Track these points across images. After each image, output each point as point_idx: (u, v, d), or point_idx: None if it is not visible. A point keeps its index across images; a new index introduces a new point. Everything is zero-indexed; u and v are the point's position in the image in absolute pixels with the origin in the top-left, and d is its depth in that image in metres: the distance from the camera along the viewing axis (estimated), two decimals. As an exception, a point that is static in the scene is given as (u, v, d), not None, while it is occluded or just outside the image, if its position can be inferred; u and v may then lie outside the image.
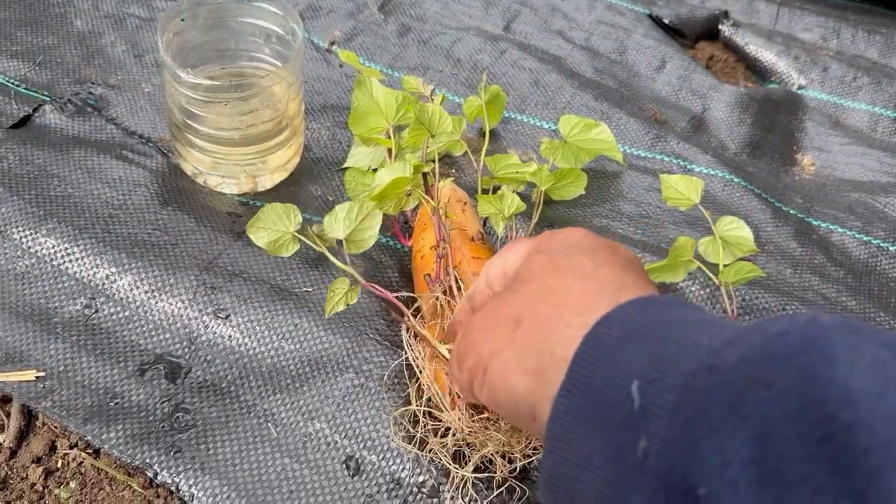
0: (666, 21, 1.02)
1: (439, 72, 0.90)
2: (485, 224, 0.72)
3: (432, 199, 0.67)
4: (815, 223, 0.79)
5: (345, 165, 0.76)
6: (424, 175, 0.70)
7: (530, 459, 0.56)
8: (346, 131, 0.82)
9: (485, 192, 0.72)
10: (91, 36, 0.85)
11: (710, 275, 0.66)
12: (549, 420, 0.35)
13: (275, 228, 0.64)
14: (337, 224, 0.64)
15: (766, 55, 1.00)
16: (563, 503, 0.34)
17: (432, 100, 0.77)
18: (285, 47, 0.73)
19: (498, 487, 0.55)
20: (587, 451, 0.33)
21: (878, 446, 0.24)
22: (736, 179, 0.81)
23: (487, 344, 0.41)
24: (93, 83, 0.80)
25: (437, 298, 0.60)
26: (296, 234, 0.64)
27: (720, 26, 1.03)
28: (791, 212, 0.80)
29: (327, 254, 0.62)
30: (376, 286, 0.62)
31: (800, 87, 0.97)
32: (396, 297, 0.61)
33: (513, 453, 0.55)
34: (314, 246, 0.63)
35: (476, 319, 0.43)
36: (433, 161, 0.70)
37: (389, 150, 0.73)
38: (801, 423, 0.26)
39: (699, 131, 0.88)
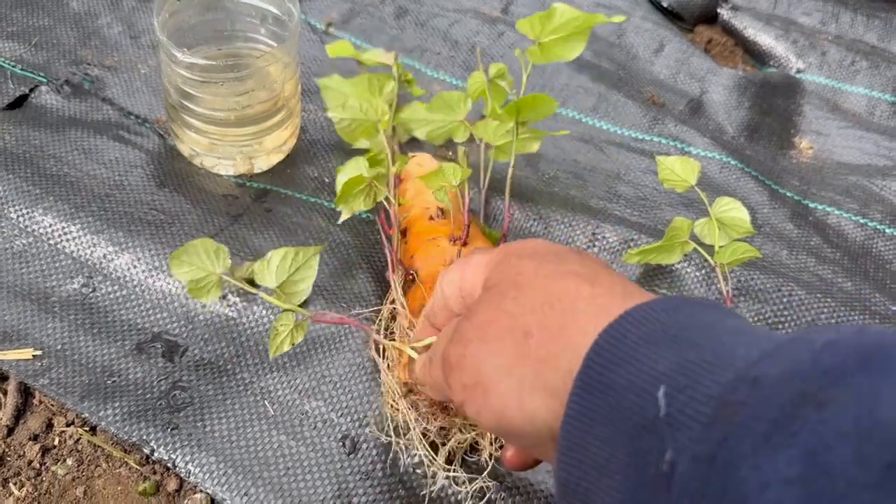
0: (664, 4, 1.02)
1: (437, 54, 0.89)
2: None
3: (402, 179, 0.67)
4: (811, 205, 0.79)
5: (352, 147, 0.75)
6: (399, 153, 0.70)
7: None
8: (343, 113, 0.82)
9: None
10: (87, 17, 0.85)
11: (706, 256, 0.66)
12: (562, 422, 0.32)
13: (199, 266, 0.60)
14: (269, 273, 0.59)
15: (765, 39, 0.99)
16: None
17: (397, 66, 0.75)
18: (281, 28, 0.72)
19: (482, 471, 0.55)
20: (604, 456, 0.30)
21: None
22: (733, 162, 0.81)
23: (491, 359, 0.35)
24: (89, 64, 0.80)
25: (392, 301, 0.60)
26: (222, 276, 0.60)
27: (719, 10, 1.03)
28: (788, 194, 0.80)
29: (262, 296, 0.59)
30: (325, 316, 0.58)
31: (798, 71, 0.97)
32: (356, 316, 0.60)
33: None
34: (245, 288, 0.60)
35: (469, 325, 0.37)
36: (393, 143, 0.70)
37: (384, 132, 0.73)
38: (864, 445, 0.23)
39: (697, 114, 0.88)
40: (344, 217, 0.66)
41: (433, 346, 0.44)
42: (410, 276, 0.62)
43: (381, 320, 0.61)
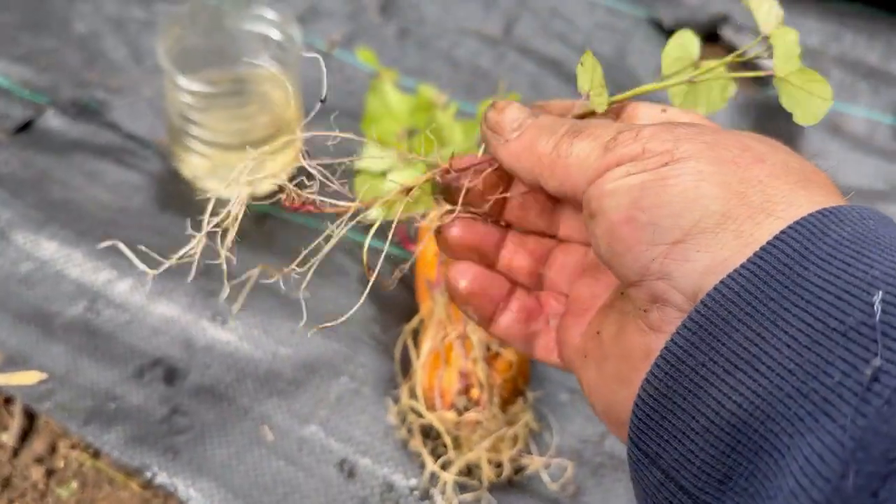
0: (666, 25, 1.02)
1: (438, 75, 0.90)
2: None
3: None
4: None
5: (356, 167, 0.76)
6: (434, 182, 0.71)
7: (517, 465, 0.57)
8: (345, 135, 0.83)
9: None
10: (92, 39, 0.86)
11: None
12: (721, 282, 0.26)
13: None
14: None
15: (766, 61, 1.00)
16: (682, 401, 0.27)
17: (444, 110, 0.78)
18: (284, 52, 0.74)
19: (487, 490, 0.56)
20: (755, 346, 0.26)
21: None
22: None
23: (699, 142, 0.29)
24: (94, 87, 0.81)
25: (435, 303, 0.61)
26: None
27: (720, 31, 1.03)
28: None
29: None
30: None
31: (798, 92, 0.97)
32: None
33: (500, 459, 0.56)
34: None
35: (685, 129, 0.30)
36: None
37: (401, 155, 0.74)
38: None
39: (696, 136, 0.88)
40: (372, 217, 0.67)
41: (583, 122, 0.34)
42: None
43: (410, 331, 0.62)
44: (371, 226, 0.66)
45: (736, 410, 0.26)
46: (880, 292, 0.25)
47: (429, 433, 0.58)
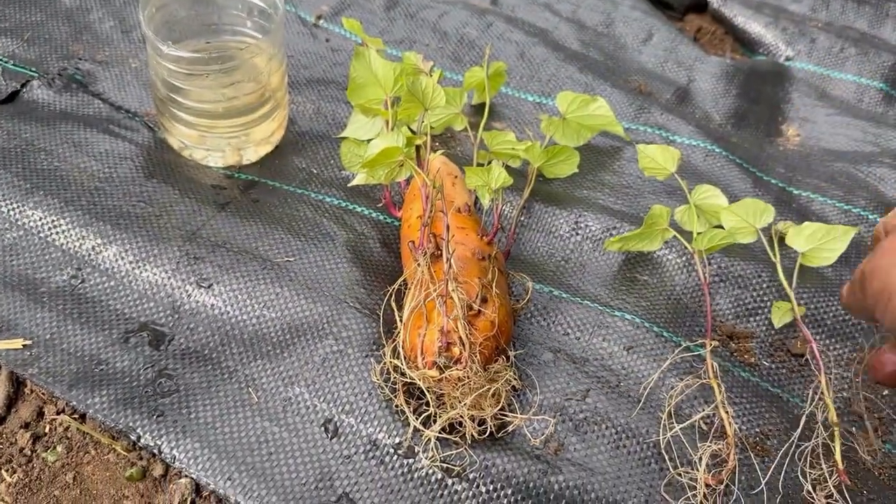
0: (654, -7, 1.02)
1: (426, 45, 0.90)
2: (477, 201, 0.72)
3: (423, 171, 0.68)
4: (795, 192, 0.79)
5: (342, 135, 0.77)
6: (417, 148, 0.71)
7: (500, 422, 0.57)
8: (331, 105, 0.83)
9: (480, 165, 0.73)
10: (79, 12, 0.86)
11: (685, 243, 0.67)
12: None
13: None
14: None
15: (755, 27, 1.00)
16: None
17: (430, 75, 0.78)
18: (267, 20, 0.73)
19: (469, 448, 0.56)
20: None
21: None
22: (718, 150, 0.81)
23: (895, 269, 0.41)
24: (80, 59, 0.81)
25: (418, 264, 0.61)
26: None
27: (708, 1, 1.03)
28: (772, 181, 0.80)
29: None
30: None
31: (787, 59, 0.97)
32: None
33: (483, 416, 0.56)
34: None
35: (887, 242, 0.43)
36: (426, 134, 0.71)
37: (387, 122, 0.74)
38: None
39: (684, 103, 0.88)
40: (357, 182, 0.69)
41: (855, 270, 0.47)
42: (438, 252, 0.61)
43: (390, 296, 0.62)
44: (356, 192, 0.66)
45: None
46: None
47: (412, 392, 0.58)
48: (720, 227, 0.69)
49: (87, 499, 0.58)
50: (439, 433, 0.56)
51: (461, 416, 0.56)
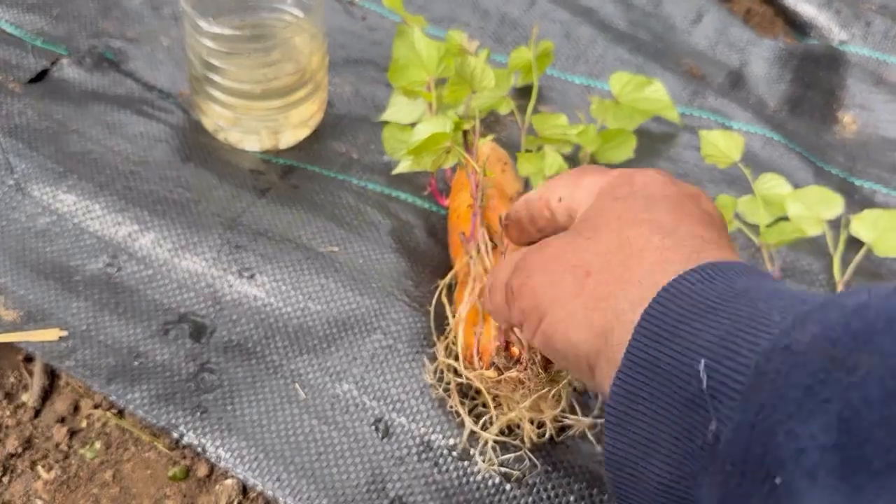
0: (701, -28, 0.98)
1: (466, 24, 0.86)
2: (526, 185, 0.69)
3: (472, 157, 0.64)
4: (857, 183, 0.76)
5: (382, 118, 0.73)
6: (465, 133, 0.68)
7: (560, 425, 0.54)
8: (370, 86, 0.79)
9: (528, 151, 0.69)
10: (108, -13, 0.82)
11: (751, 235, 0.64)
12: (610, 398, 0.33)
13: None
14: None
15: (806, 8, 0.95)
16: (627, 484, 0.33)
17: (477, 56, 0.74)
18: (308, -3, 0.70)
19: (528, 451, 0.54)
20: (652, 432, 0.32)
21: None
22: (776, 137, 0.78)
23: (549, 290, 0.38)
24: (110, 36, 0.78)
25: (470, 257, 0.58)
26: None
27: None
28: (833, 171, 0.77)
29: None
30: None
31: (841, 43, 0.93)
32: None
33: (542, 419, 0.53)
34: None
35: (536, 257, 0.40)
36: (474, 118, 0.67)
37: (430, 105, 0.71)
38: (889, 407, 0.24)
39: (737, 87, 0.84)
40: (401, 169, 0.65)
41: (493, 274, 0.46)
42: (492, 244, 0.58)
43: (444, 286, 0.59)
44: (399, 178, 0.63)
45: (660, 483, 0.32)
46: (703, 360, 0.29)
47: (466, 392, 0.56)
48: (783, 219, 0.65)
49: (127, 498, 0.56)
50: (496, 436, 0.53)
51: (520, 420, 0.53)
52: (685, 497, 0.31)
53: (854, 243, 0.68)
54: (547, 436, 0.54)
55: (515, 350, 0.53)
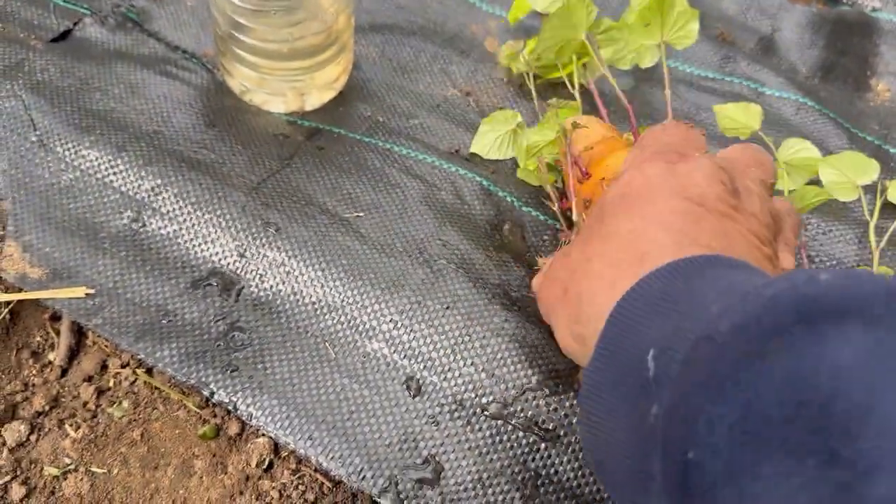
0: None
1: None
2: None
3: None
4: (892, 150, 0.74)
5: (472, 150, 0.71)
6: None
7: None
8: (396, 49, 0.78)
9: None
10: (129, -52, 0.81)
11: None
12: (581, 389, 0.37)
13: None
14: None
15: (837, -24, 0.93)
16: (601, 466, 0.37)
17: None
18: (336, -46, 0.69)
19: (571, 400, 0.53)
20: (614, 418, 0.35)
21: (853, 413, 0.25)
22: (810, 103, 0.76)
23: (547, 297, 0.46)
24: (133, -4, 0.77)
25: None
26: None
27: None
28: (868, 138, 0.75)
29: None
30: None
31: (873, 10, 0.91)
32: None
33: None
34: None
35: (556, 259, 0.47)
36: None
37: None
38: (784, 391, 0.27)
39: (769, 53, 0.83)
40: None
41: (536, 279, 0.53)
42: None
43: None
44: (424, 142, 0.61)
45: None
46: (651, 350, 0.32)
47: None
48: (813, 183, 0.64)
49: (156, 457, 0.55)
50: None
51: None
52: (640, 474, 0.33)
53: (890, 210, 0.66)
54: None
55: None
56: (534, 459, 0.52)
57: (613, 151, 0.57)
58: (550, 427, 0.53)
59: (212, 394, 0.54)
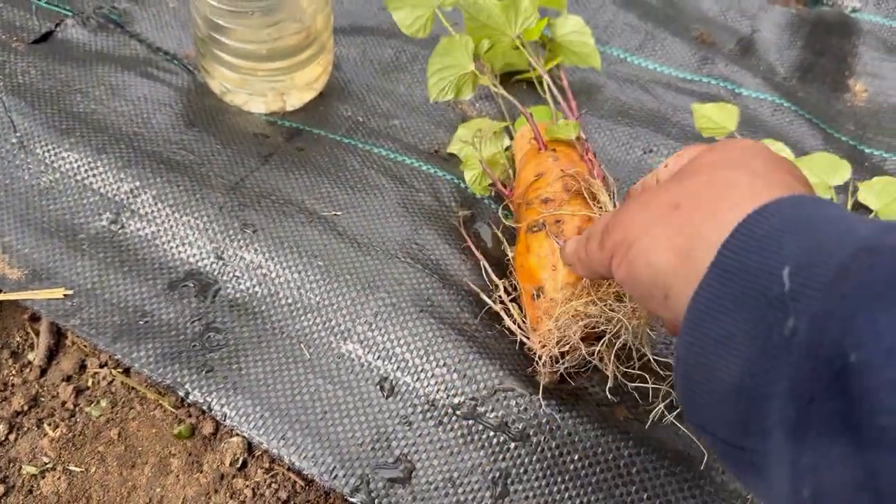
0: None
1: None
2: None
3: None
4: (867, 151, 0.75)
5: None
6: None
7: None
8: (377, 51, 0.79)
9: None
10: (112, -51, 0.81)
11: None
12: (692, 298, 0.35)
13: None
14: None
15: (818, -24, 0.94)
16: (700, 382, 0.35)
17: None
18: (314, -43, 0.69)
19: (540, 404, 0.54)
20: (729, 331, 0.33)
21: None
22: (786, 104, 0.77)
23: (639, 221, 0.41)
24: (115, -3, 0.77)
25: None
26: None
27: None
28: (843, 139, 0.76)
29: None
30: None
31: (853, 10, 0.92)
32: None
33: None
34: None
35: (632, 201, 0.43)
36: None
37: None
38: None
39: (748, 54, 0.83)
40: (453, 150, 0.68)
41: (592, 225, 0.48)
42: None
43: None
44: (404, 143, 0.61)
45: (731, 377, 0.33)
46: (787, 267, 0.32)
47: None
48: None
49: (133, 455, 0.56)
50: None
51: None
52: (753, 397, 0.32)
53: (862, 211, 0.67)
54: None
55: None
56: (504, 459, 0.53)
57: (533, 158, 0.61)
58: (520, 427, 0.53)
59: (187, 394, 0.55)
